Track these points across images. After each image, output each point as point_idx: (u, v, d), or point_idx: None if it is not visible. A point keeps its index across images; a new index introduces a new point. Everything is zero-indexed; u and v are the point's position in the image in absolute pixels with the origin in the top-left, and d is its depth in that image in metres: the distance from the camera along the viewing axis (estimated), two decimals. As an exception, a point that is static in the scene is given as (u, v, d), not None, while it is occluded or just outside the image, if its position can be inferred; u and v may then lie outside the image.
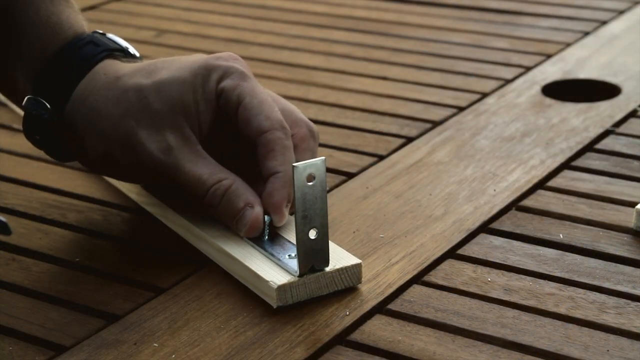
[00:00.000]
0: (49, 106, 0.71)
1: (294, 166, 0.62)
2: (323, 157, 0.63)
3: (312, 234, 0.64)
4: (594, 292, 0.65)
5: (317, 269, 0.65)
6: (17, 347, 0.62)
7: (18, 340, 0.63)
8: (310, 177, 0.62)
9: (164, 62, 0.72)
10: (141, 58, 0.76)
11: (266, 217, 0.68)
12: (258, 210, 0.68)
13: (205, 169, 0.68)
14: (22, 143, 0.90)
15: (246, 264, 0.66)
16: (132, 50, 0.76)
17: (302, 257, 0.64)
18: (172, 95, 0.69)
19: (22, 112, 0.74)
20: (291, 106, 0.73)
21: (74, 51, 0.72)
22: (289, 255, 0.66)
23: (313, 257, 0.64)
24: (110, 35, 0.75)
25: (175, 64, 0.71)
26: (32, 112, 0.72)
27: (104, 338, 0.62)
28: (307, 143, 0.71)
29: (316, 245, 0.64)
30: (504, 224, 0.73)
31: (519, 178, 0.80)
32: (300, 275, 0.64)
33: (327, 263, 0.65)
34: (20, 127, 0.90)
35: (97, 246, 0.73)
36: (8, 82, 0.75)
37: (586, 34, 1.12)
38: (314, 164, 0.62)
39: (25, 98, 0.72)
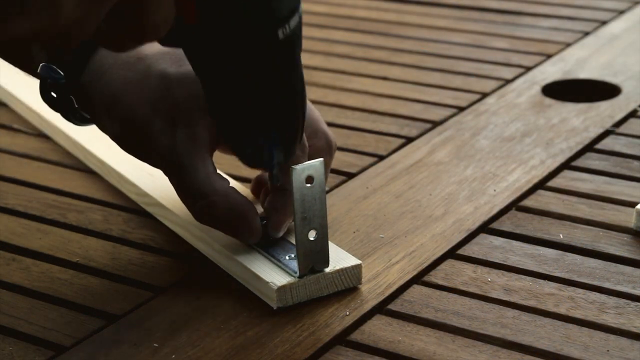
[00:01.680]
0: (62, 74, 0.69)
1: (292, 168, 0.62)
2: (321, 159, 0.63)
3: (312, 235, 0.64)
4: (594, 292, 0.65)
5: (317, 270, 0.65)
6: (17, 347, 0.62)
7: (18, 341, 0.63)
8: (309, 179, 0.62)
9: None
10: None
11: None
12: (255, 225, 0.67)
13: (199, 178, 0.67)
14: (22, 143, 0.90)
15: (246, 264, 0.66)
16: None
17: (301, 258, 0.64)
18: (194, 90, 0.67)
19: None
20: (315, 114, 0.71)
21: None
22: (289, 256, 0.66)
23: (313, 258, 0.64)
24: None
25: None
26: (47, 80, 0.70)
27: (104, 338, 0.62)
28: (322, 156, 0.69)
29: (316, 247, 0.64)
30: (504, 224, 0.73)
31: (519, 178, 0.80)
32: (300, 276, 0.64)
33: (327, 264, 0.65)
34: (20, 127, 0.90)
35: (97, 246, 0.73)
36: (24, 61, 0.73)
37: (586, 34, 1.12)
38: (312, 165, 0.62)
39: (40, 65, 0.70)
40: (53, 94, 0.71)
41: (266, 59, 0.60)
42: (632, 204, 0.74)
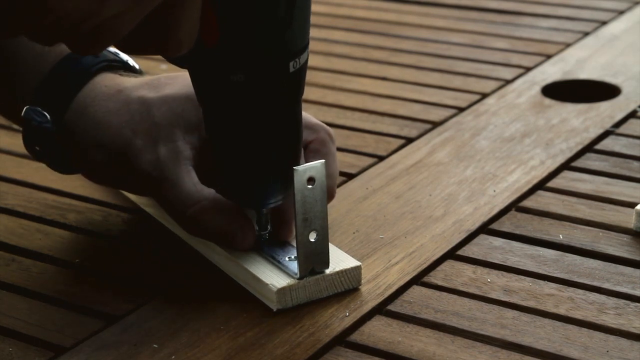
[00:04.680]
0: (48, 116, 0.71)
1: (294, 169, 0.62)
2: (322, 160, 0.63)
3: (312, 237, 0.64)
4: (594, 293, 0.65)
5: (317, 272, 0.65)
6: (17, 348, 0.62)
7: (18, 341, 0.63)
8: (311, 180, 0.62)
9: (168, 78, 0.71)
10: (141, 71, 0.76)
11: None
12: (249, 225, 0.67)
13: (186, 186, 0.67)
14: (22, 143, 0.90)
15: (246, 266, 0.66)
16: (131, 62, 0.75)
17: (302, 259, 0.64)
18: (174, 110, 0.69)
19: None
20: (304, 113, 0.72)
21: (73, 61, 0.72)
22: (289, 258, 0.66)
23: (313, 259, 0.64)
24: (110, 48, 0.75)
25: (179, 81, 0.71)
26: (32, 123, 0.72)
27: (104, 339, 0.62)
28: (327, 147, 0.70)
29: (316, 248, 0.64)
30: (504, 225, 0.73)
31: (518, 179, 0.80)
32: (300, 278, 0.64)
33: (327, 265, 0.65)
34: (20, 127, 0.90)
35: (97, 247, 0.73)
36: (9, 105, 0.75)
37: (586, 34, 1.12)
38: (314, 166, 0.62)
39: (24, 109, 0.72)
40: (37, 147, 0.72)
41: (274, 89, 0.61)
42: (632, 205, 0.74)
